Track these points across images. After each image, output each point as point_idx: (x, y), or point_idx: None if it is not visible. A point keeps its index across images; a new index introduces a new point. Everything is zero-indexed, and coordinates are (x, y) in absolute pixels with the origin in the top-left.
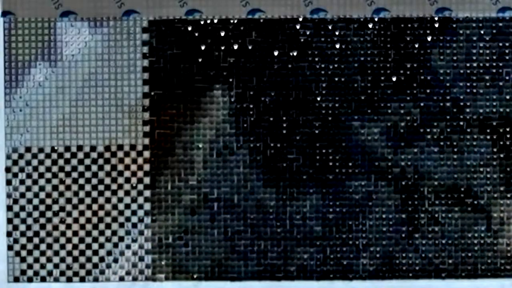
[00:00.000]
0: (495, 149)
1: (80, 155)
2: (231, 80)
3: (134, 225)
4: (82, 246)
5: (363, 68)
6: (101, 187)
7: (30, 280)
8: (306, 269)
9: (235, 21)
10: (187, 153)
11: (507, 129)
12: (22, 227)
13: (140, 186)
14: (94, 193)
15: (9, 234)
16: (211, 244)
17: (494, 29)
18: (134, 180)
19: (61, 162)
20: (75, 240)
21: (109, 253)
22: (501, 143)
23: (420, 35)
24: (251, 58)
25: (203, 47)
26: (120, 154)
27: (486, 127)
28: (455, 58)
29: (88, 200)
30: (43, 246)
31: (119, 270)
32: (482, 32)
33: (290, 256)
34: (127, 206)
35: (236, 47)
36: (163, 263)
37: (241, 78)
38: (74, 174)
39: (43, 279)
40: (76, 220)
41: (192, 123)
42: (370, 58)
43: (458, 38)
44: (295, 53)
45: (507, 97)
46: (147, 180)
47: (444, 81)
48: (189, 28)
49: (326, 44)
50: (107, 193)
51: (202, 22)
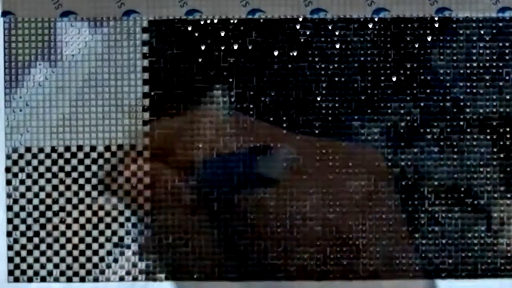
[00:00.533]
0: (495, 149)
1: (80, 155)
2: (231, 80)
3: (134, 225)
4: (82, 246)
5: (363, 68)
6: (101, 187)
7: (30, 280)
8: (306, 269)
9: (235, 21)
10: (187, 153)
11: (507, 129)
12: (22, 227)
13: (140, 186)
14: (94, 193)
15: (9, 234)
16: (211, 244)
17: (494, 29)
18: (134, 180)
19: (61, 162)
20: (75, 240)
21: (109, 253)
22: (501, 143)
23: (420, 35)
24: (251, 58)
25: (203, 47)
26: (120, 154)
27: (486, 127)
28: (455, 58)
29: (88, 200)
30: (43, 246)
31: (119, 270)
32: (482, 32)
33: (290, 256)
34: (127, 206)
35: (236, 47)
36: (163, 263)
37: (241, 78)
38: (74, 174)
39: (43, 279)
40: (76, 220)
41: (192, 123)
42: (370, 58)
43: (458, 38)
44: (295, 53)
45: (507, 97)
46: (147, 180)
47: (444, 81)
48: (189, 28)
49: (326, 44)
50: (107, 193)
51: (202, 22)
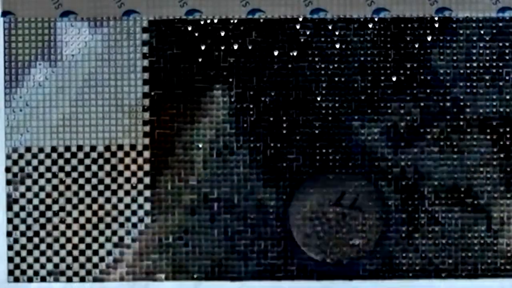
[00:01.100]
0: (495, 149)
1: (80, 155)
2: (231, 80)
3: (134, 225)
4: (82, 246)
5: (363, 68)
6: (101, 187)
7: (30, 280)
8: (306, 269)
9: (235, 21)
10: (187, 153)
11: (507, 129)
12: (22, 227)
13: (140, 186)
14: (94, 193)
15: (9, 234)
16: (211, 244)
17: (494, 29)
18: (134, 180)
19: (61, 162)
20: (75, 240)
21: (109, 253)
22: (501, 143)
23: (420, 35)
24: (251, 58)
25: (203, 47)
26: (120, 154)
27: (486, 127)
28: (455, 58)
29: (88, 200)
30: (43, 246)
31: (119, 270)
32: (482, 32)
33: (290, 256)
34: (127, 206)
35: (236, 47)
36: (163, 263)
37: (241, 78)
38: (74, 174)
39: (43, 279)
40: (76, 220)
41: (192, 123)
42: (370, 58)
43: (458, 38)
44: (295, 53)
45: (507, 97)
46: (147, 180)
47: (444, 81)
48: (189, 28)
49: (326, 44)
50: (107, 193)
51: (202, 22)
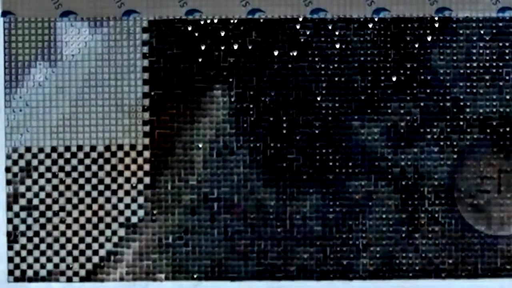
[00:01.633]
0: (495, 149)
1: (80, 155)
2: (231, 80)
3: (134, 225)
4: (82, 246)
5: (363, 68)
6: (101, 187)
7: (30, 280)
8: (306, 269)
9: (235, 21)
10: (187, 153)
11: (507, 129)
12: (22, 227)
13: (140, 186)
14: (94, 193)
15: (9, 234)
16: (211, 244)
17: (494, 29)
18: (134, 180)
19: (61, 162)
20: (75, 240)
21: (109, 253)
22: (501, 143)
23: (420, 35)
24: (251, 58)
25: (203, 47)
26: (120, 154)
27: (486, 127)
28: (455, 58)
29: (88, 200)
30: (43, 246)
31: (119, 270)
32: (482, 32)
33: (290, 256)
34: (127, 206)
35: (236, 47)
36: (163, 263)
37: (241, 78)
38: (74, 174)
39: (43, 279)
40: (76, 220)
41: (192, 123)
42: (370, 58)
43: (458, 38)
44: (295, 53)
45: (507, 97)
46: (147, 180)
47: (444, 81)
48: (189, 28)
49: (326, 44)
50: (107, 193)
51: (202, 22)
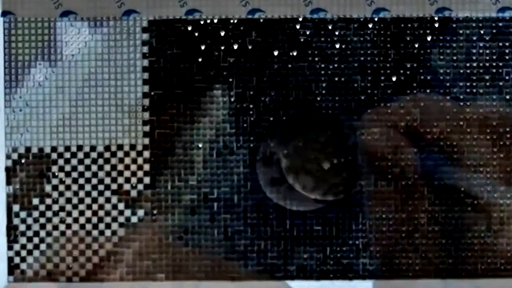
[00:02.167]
0: (495, 149)
1: (80, 155)
2: (231, 80)
3: (134, 225)
4: (82, 246)
5: (363, 68)
6: (101, 187)
7: (30, 280)
8: (306, 269)
9: (235, 21)
10: (187, 153)
11: (507, 129)
12: (22, 227)
13: (140, 186)
14: (94, 193)
15: (9, 234)
16: (211, 244)
17: (494, 29)
18: (134, 180)
19: (61, 162)
20: (75, 240)
21: (109, 253)
22: (501, 143)
23: (420, 35)
24: (251, 58)
25: (203, 47)
26: (120, 154)
27: (486, 127)
28: (455, 58)
29: (88, 200)
30: (43, 246)
31: (119, 270)
32: (482, 32)
33: (290, 256)
34: (127, 206)
35: (236, 47)
36: (163, 263)
37: (241, 78)
38: (74, 174)
39: (43, 279)
40: (76, 220)
41: (192, 123)
42: (370, 58)
43: (458, 38)
44: (295, 53)
45: (507, 97)
46: (147, 180)
47: (444, 81)
48: (189, 28)
49: (326, 44)
50: (107, 193)
51: (202, 22)
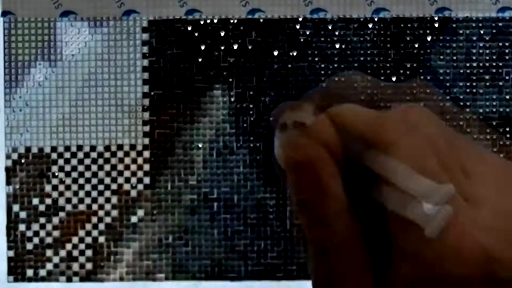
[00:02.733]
0: (495, 149)
1: (80, 155)
2: (231, 80)
3: (134, 225)
4: (82, 246)
5: (363, 68)
6: (101, 187)
7: (30, 280)
8: (306, 269)
9: (235, 21)
10: (187, 153)
11: (507, 129)
12: (22, 227)
13: (140, 186)
14: (94, 193)
15: (9, 234)
16: (211, 244)
17: (494, 29)
18: (134, 180)
19: (61, 162)
20: (75, 240)
21: (109, 253)
22: (501, 143)
23: (420, 35)
24: (251, 58)
25: (203, 47)
26: (120, 154)
27: (486, 127)
28: (455, 58)
29: (88, 200)
30: (43, 246)
31: (119, 270)
32: (482, 32)
33: (290, 256)
34: (127, 206)
35: (236, 47)
36: (163, 263)
37: (241, 78)
38: (74, 174)
39: (43, 279)
40: (76, 220)
41: (192, 123)
42: (370, 58)
43: (458, 38)
44: (295, 53)
45: (507, 97)
46: (147, 180)
47: (444, 81)
48: (189, 28)
49: (326, 44)
50: (107, 193)
51: (202, 22)
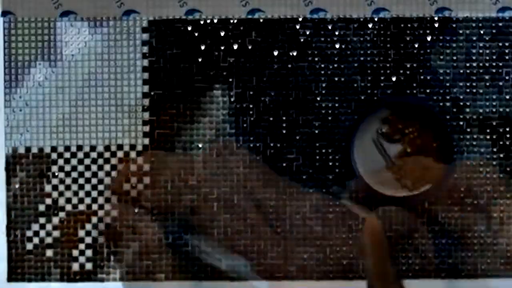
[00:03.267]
0: (495, 149)
1: (80, 155)
2: (231, 80)
3: (134, 225)
4: (82, 246)
5: (363, 68)
6: (101, 187)
7: (30, 280)
8: (306, 269)
9: (235, 21)
10: (187, 153)
11: (507, 129)
12: (22, 227)
13: (140, 186)
14: (94, 193)
15: (9, 234)
16: (211, 244)
17: (494, 29)
18: (134, 180)
19: (61, 162)
20: (76, 240)
21: (109, 253)
22: (501, 143)
23: (420, 35)
24: (251, 58)
25: (203, 47)
26: (120, 154)
27: (486, 127)
28: (455, 58)
29: (88, 200)
30: (43, 246)
31: (119, 270)
32: (482, 32)
33: (290, 256)
34: (127, 206)
35: (236, 47)
36: (163, 263)
37: (241, 78)
38: (74, 174)
39: (43, 279)
40: (76, 220)
41: (192, 123)
42: (370, 58)
43: (458, 38)
44: (295, 53)
45: (507, 97)
46: (147, 180)
47: (444, 81)
48: (189, 28)
49: (326, 44)
50: (107, 193)
51: (202, 22)
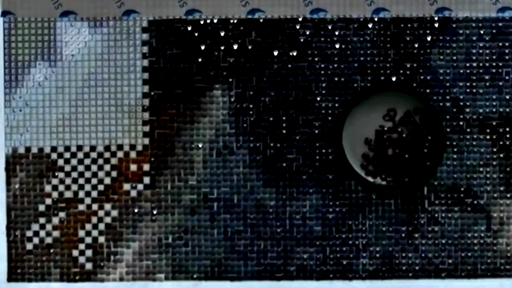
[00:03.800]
0: (495, 149)
1: (80, 155)
2: (231, 80)
3: (134, 225)
4: (82, 246)
5: (363, 68)
6: (101, 187)
7: (30, 280)
8: (306, 269)
9: (235, 21)
10: (187, 153)
11: (507, 129)
12: (22, 227)
13: (140, 186)
14: (94, 193)
15: (9, 234)
16: (211, 244)
17: (494, 29)
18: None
19: (61, 162)
20: (75, 240)
21: (109, 253)
22: (501, 143)
23: (420, 35)
24: (251, 58)
25: (203, 47)
26: (120, 154)
27: (486, 127)
28: (455, 58)
29: (88, 200)
30: (43, 246)
31: (119, 270)
32: (482, 32)
33: (290, 256)
34: (127, 206)
35: (236, 47)
36: (163, 263)
37: (241, 78)
38: (74, 174)
39: (43, 279)
40: (76, 220)
41: (192, 123)
42: (370, 58)
43: (458, 38)
44: (295, 53)
45: (507, 97)
46: (147, 180)
47: (444, 81)
48: (189, 28)
49: (326, 44)
50: (107, 193)
51: (202, 22)
